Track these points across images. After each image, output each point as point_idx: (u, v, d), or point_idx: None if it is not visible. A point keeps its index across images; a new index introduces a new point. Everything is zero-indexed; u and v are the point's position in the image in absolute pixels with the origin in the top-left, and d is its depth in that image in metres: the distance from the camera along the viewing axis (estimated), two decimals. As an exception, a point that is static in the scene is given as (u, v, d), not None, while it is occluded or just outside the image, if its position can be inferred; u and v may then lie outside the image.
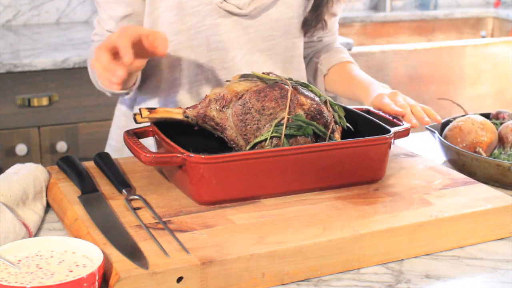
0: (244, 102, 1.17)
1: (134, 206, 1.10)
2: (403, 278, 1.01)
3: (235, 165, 1.10)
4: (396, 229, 1.05)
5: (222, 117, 1.18)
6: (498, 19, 3.70)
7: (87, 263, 0.90)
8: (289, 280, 0.99)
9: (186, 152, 1.09)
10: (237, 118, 1.17)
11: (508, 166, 1.29)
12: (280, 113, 1.17)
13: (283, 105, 1.17)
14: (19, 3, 2.88)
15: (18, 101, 2.35)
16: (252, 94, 1.18)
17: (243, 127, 1.17)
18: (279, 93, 1.17)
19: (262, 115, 1.17)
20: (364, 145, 1.18)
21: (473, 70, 3.10)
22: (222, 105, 1.18)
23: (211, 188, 1.09)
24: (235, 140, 1.18)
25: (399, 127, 1.25)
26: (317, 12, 1.48)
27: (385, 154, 1.20)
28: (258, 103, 1.17)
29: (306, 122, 1.17)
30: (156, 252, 0.95)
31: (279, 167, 1.12)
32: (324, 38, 1.63)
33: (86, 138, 2.47)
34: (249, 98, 1.17)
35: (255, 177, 1.11)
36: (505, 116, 1.51)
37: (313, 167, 1.15)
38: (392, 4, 3.57)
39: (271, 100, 1.17)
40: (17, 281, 0.85)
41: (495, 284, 1.00)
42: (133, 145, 1.12)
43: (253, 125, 1.17)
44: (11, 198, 1.09)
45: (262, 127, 1.17)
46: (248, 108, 1.17)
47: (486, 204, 1.14)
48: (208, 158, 1.08)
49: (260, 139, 1.17)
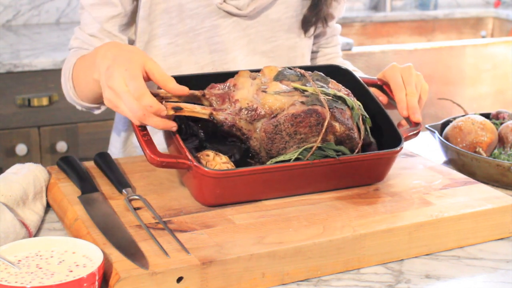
0: (277, 124, 1.12)
1: (134, 206, 1.10)
2: (403, 278, 1.01)
3: (241, 179, 1.09)
4: (396, 229, 1.05)
5: (250, 128, 1.14)
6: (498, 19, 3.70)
7: (87, 263, 0.90)
8: (289, 280, 0.99)
9: (194, 160, 1.06)
10: (266, 135, 1.13)
11: (508, 166, 1.29)
12: (311, 138, 1.13)
13: (316, 132, 1.12)
14: (19, 3, 2.88)
15: (18, 101, 2.35)
16: (287, 118, 1.11)
17: (269, 144, 1.13)
18: (316, 120, 1.11)
19: (292, 138, 1.13)
20: (374, 159, 1.17)
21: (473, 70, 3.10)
22: (253, 118, 1.13)
23: (215, 195, 1.09)
24: (257, 150, 1.16)
25: (411, 133, 1.23)
26: (316, 10, 1.48)
27: (390, 163, 1.20)
28: (291, 128, 1.11)
29: (335, 150, 1.14)
30: (156, 252, 0.95)
31: (285, 180, 1.12)
32: (325, 49, 1.62)
33: (86, 138, 2.47)
34: (284, 121, 1.11)
35: (260, 188, 1.11)
36: (505, 116, 1.51)
37: (319, 177, 1.14)
38: (392, 4, 3.57)
39: (305, 127, 1.11)
40: (17, 281, 0.85)
41: (495, 284, 1.00)
42: (142, 140, 1.08)
43: (280, 144, 1.13)
44: (11, 198, 1.09)
45: (289, 147, 1.13)
46: (280, 130, 1.12)
47: (486, 204, 1.14)
48: (214, 173, 1.06)
49: (283, 158, 1.13)
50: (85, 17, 1.38)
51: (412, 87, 1.29)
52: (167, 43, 1.39)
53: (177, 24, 1.38)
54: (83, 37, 1.38)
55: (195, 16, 1.38)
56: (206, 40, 1.40)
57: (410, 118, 1.26)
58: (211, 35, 1.41)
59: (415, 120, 1.26)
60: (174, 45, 1.40)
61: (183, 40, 1.40)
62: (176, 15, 1.38)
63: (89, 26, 1.37)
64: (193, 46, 1.40)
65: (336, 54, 1.64)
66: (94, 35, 1.37)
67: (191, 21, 1.39)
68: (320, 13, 1.48)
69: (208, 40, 1.41)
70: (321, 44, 1.62)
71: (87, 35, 1.37)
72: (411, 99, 1.27)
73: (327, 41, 1.62)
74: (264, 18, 1.44)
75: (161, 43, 1.40)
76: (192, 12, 1.38)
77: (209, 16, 1.39)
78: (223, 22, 1.40)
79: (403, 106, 1.27)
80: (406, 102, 1.27)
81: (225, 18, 1.40)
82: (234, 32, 1.42)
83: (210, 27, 1.40)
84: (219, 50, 1.42)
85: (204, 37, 1.40)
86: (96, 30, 1.37)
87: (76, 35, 1.40)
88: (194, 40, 1.40)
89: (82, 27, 1.39)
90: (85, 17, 1.38)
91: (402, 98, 1.27)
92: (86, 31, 1.38)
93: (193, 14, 1.38)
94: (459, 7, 3.75)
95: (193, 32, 1.40)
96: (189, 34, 1.40)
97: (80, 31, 1.39)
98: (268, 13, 1.44)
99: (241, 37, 1.43)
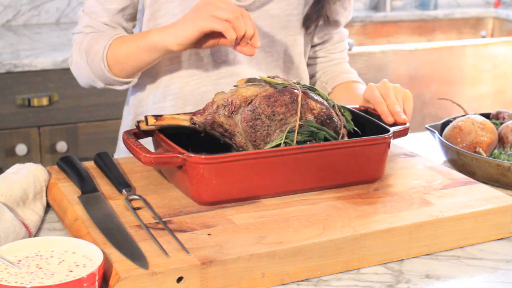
0: (253, 108, 1.15)
1: (134, 206, 1.10)
2: (403, 278, 1.01)
3: (235, 165, 1.10)
4: (396, 229, 1.05)
5: (230, 123, 1.16)
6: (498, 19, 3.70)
7: (87, 263, 0.90)
8: (289, 280, 0.99)
9: (186, 153, 1.09)
10: (247, 124, 1.15)
11: (508, 166, 1.29)
12: (290, 118, 1.16)
13: (293, 110, 1.15)
14: (19, 3, 2.88)
15: (18, 101, 2.35)
16: (262, 100, 1.16)
17: (252, 133, 1.15)
18: (290, 98, 1.16)
19: (272, 120, 1.15)
20: (363, 145, 1.18)
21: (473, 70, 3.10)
22: (230, 111, 1.16)
23: (211, 188, 1.09)
24: (244, 146, 1.17)
25: (398, 127, 1.25)
26: (318, 7, 1.48)
27: (384, 154, 1.21)
28: (268, 109, 1.15)
29: (318, 127, 1.16)
30: (156, 252, 0.95)
31: (279, 167, 1.12)
32: (332, 55, 1.63)
33: (86, 138, 2.47)
34: (259, 104, 1.15)
35: (255, 177, 1.11)
36: (505, 116, 1.51)
37: (312, 167, 1.15)
38: (392, 4, 3.57)
39: (281, 105, 1.15)
40: (17, 281, 0.85)
41: (495, 284, 1.00)
42: (133, 145, 1.12)
43: (263, 131, 1.15)
44: (11, 198, 1.09)
45: (272, 133, 1.16)
46: (258, 113, 1.15)
47: (486, 204, 1.14)
48: (208, 158, 1.08)
49: (271, 145, 1.15)
50: (94, 5, 1.43)
51: (392, 98, 1.32)
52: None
53: (179, 14, 1.40)
54: (97, 25, 1.43)
55: None
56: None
57: (396, 121, 1.29)
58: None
59: (401, 121, 1.28)
60: None
61: None
62: (179, 4, 1.40)
63: (99, 15, 1.43)
64: None
65: (343, 60, 1.65)
66: (107, 23, 1.43)
67: None
68: (322, 10, 1.49)
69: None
70: (328, 49, 1.62)
71: (100, 23, 1.43)
72: (393, 107, 1.30)
73: (334, 46, 1.62)
74: (264, 13, 1.45)
75: None
76: (194, 2, 1.39)
77: None
78: None
79: (387, 114, 1.30)
80: (388, 111, 1.30)
81: None
82: None
83: None
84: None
85: None
86: (108, 19, 1.43)
87: (87, 22, 1.45)
88: None
89: (92, 15, 1.44)
90: (93, 5, 1.43)
91: (384, 109, 1.30)
92: (97, 19, 1.43)
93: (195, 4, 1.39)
94: (459, 7, 3.74)
95: None
96: None
97: (91, 19, 1.44)
98: (268, 9, 1.45)
99: None
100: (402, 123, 1.28)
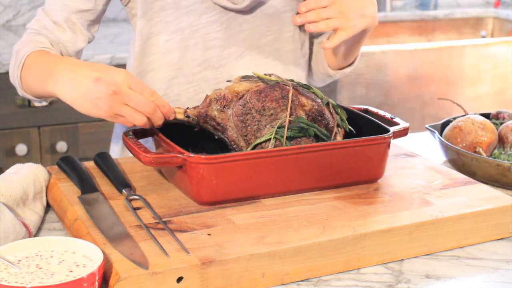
0: (244, 102, 1.17)
1: (134, 206, 1.10)
2: (403, 278, 1.01)
3: (235, 165, 1.10)
4: (396, 229, 1.05)
5: (223, 117, 1.18)
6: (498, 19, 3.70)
7: (87, 263, 0.90)
8: (289, 280, 0.99)
9: (186, 153, 1.09)
10: (238, 119, 1.17)
11: (508, 166, 1.29)
12: (281, 114, 1.17)
13: (284, 105, 1.17)
14: (19, 3, 2.88)
15: (18, 101, 2.35)
16: (252, 94, 1.18)
17: (243, 127, 1.17)
18: (280, 93, 1.18)
19: (262, 115, 1.17)
20: (363, 145, 1.18)
21: (473, 70, 3.09)
22: (223, 105, 1.18)
23: (211, 188, 1.09)
24: (235, 141, 1.18)
25: (398, 126, 1.25)
26: None
27: (384, 154, 1.21)
28: (258, 103, 1.17)
29: (308, 124, 1.17)
30: (156, 252, 0.95)
31: (278, 167, 1.12)
32: None
33: (86, 138, 2.47)
34: (250, 98, 1.17)
35: (255, 177, 1.11)
36: (505, 116, 1.51)
37: (312, 167, 1.15)
38: (392, 4, 3.57)
39: (272, 101, 1.17)
40: (17, 281, 0.85)
41: (495, 284, 1.00)
42: (133, 145, 1.12)
43: (254, 125, 1.17)
44: (11, 198, 1.09)
45: (262, 128, 1.17)
46: (248, 108, 1.17)
47: (486, 204, 1.14)
48: (208, 158, 1.08)
49: (260, 140, 1.17)
50: (53, 2, 1.36)
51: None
52: (164, 40, 1.40)
53: (174, 21, 1.39)
54: (46, 22, 1.36)
55: (192, 12, 1.39)
56: (203, 36, 1.41)
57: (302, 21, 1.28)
58: (207, 32, 1.41)
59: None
60: (172, 42, 1.40)
61: (180, 37, 1.40)
62: (173, 12, 1.39)
63: (55, 12, 1.36)
64: (191, 43, 1.41)
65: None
66: (59, 23, 1.35)
67: (187, 18, 1.39)
68: None
69: (205, 37, 1.41)
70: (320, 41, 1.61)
71: (50, 21, 1.36)
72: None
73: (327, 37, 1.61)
74: (260, 12, 1.44)
75: (159, 41, 1.40)
76: (188, 9, 1.38)
77: (205, 12, 1.40)
78: (219, 18, 1.41)
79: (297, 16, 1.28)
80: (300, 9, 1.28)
81: (221, 14, 1.41)
82: (231, 28, 1.42)
83: (207, 24, 1.40)
84: (216, 46, 1.42)
85: (201, 34, 1.41)
86: (62, 18, 1.35)
87: (39, 17, 1.38)
88: (191, 37, 1.40)
89: (48, 11, 1.37)
90: (52, 2, 1.37)
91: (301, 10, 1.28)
92: (51, 17, 1.36)
93: (189, 11, 1.39)
94: (459, 7, 3.74)
95: (190, 28, 1.40)
96: (186, 31, 1.40)
97: (44, 15, 1.37)
98: (264, 8, 1.44)
99: (238, 33, 1.43)
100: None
